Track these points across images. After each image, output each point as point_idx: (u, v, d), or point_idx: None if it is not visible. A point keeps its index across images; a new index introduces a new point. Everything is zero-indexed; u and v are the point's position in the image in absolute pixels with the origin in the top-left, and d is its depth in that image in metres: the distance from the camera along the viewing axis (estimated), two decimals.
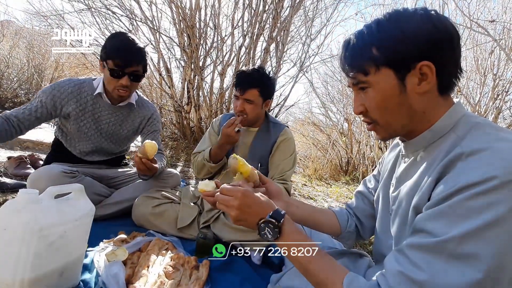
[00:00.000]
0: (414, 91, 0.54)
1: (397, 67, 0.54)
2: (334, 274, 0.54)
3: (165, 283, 0.86)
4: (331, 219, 0.86)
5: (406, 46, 0.52)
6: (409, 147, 0.62)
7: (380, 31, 0.55)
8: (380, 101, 0.57)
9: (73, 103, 1.32)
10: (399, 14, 0.54)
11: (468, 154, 0.47)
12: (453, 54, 0.53)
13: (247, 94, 1.35)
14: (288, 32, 3.33)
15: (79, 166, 1.39)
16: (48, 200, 0.74)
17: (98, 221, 1.27)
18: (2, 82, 5.55)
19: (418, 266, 0.45)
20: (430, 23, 0.52)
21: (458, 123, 0.55)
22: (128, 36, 1.27)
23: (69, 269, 0.80)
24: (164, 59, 3.28)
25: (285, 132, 1.47)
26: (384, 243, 0.70)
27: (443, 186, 0.47)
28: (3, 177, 1.59)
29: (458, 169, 0.47)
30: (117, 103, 1.39)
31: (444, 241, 0.43)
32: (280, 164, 1.41)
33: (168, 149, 3.41)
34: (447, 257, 0.43)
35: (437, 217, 0.46)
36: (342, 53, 0.61)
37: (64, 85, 1.31)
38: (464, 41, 2.55)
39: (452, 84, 0.56)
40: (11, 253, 0.66)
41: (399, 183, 0.63)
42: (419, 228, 0.48)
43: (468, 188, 0.43)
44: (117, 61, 1.21)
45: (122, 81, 1.25)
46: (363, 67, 0.56)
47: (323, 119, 5.73)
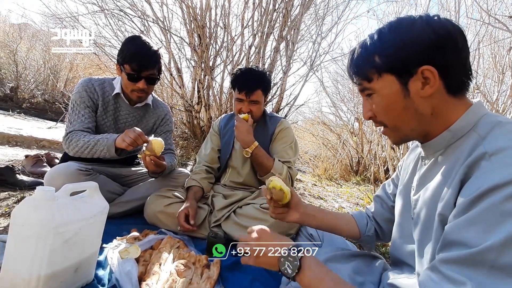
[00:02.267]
0: (418, 95, 0.56)
1: (399, 73, 0.56)
2: None
3: (176, 281, 0.86)
4: (350, 224, 0.87)
5: (406, 53, 0.54)
6: (429, 149, 0.61)
7: (381, 40, 0.58)
8: (385, 106, 0.60)
9: (100, 101, 1.36)
10: (400, 23, 0.57)
11: (491, 153, 0.45)
12: (458, 55, 0.54)
13: (253, 96, 1.35)
14: (298, 30, 3.30)
15: (93, 164, 1.41)
16: (64, 197, 0.75)
17: (111, 218, 1.29)
18: (20, 83, 5.74)
19: (457, 281, 0.40)
20: (430, 29, 0.53)
21: (479, 122, 0.53)
22: (143, 41, 1.30)
23: (84, 266, 0.81)
24: (174, 59, 3.30)
25: (282, 123, 1.47)
26: (402, 247, 0.68)
27: (468, 189, 0.45)
28: (20, 175, 1.64)
29: (483, 169, 0.45)
30: (135, 104, 1.43)
31: (482, 251, 0.39)
32: (281, 151, 1.40)
33: (178, 148, 3.44)
34: (489, 269, 0.39)
35: (469, 225, 0.42)
36: (348, 62, 0.65)
37: (91, 84, 1.35)
38: (481, 38, 2.47)
39: (463, 85, 0.56)
40: (28, 249, 0.68)
41: (420, 186, 0.62)
42: (451, 241, 0.44)
43: (497, 189, 0.41)
44: (134, 65, 1.25)
45: (139, 84, 1.28)
46: (366, 74, 0.60)
47: (333, 118, 5.68)
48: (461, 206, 0.45)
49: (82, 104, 1.31)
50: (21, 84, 5.78)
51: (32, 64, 5.95)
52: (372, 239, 0.87)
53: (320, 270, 0.57)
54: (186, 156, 3.13)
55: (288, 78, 3.42)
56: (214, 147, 1.53)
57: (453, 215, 0.46)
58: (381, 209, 0.86)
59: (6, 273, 0.69)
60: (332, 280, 0.55)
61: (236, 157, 1.48)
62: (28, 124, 4.13)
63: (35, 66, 5.98)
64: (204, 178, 1.45)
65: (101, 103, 1.35)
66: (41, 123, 4.44)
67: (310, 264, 0.58)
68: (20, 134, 3.17)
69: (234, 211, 1.31)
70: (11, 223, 0.69)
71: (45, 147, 3.05)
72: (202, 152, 1.57)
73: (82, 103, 1.31)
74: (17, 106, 5.35)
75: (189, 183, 1.42)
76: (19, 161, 2.08)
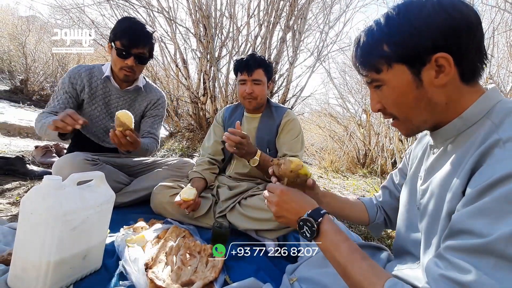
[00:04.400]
0: (433, 84, 0.52)
1: (411, 62, 0.52)
2: (375, 278, 0.49)
3: (182, 269, 0.88)
4: (360, 210, 0.87)
5: (418, 40, 0.50)
6: (438, 137, 0.59)
7: (390, 26, 0.52)
8: (396, 98, 0.56)
9: (86, 87, 1.37)
10: (409, 6, 0.51)
11: (506, 140, 0.42)
12: (473, 40, 0.49)
13: (255, 74, 1.35)
14: (305, 20, 3.23)
15: (100, 155, 1.43)
16: (71, 186, 0.77)
17: (118, 208, 1.32)
18: (29, 75, 5.82)
19: (463, 268, 0.40)
20: (442, 11, 0.49)
21: (493, 109, 0.50)
22: (137, 20, 1.32)
23: (92, 253, 0.83)
24: (180, 50, 3.29)
25: (288, 114, 1.46)
26: (406, 237, 0.67)
27: (479, 177, 0.43)
28: (31, 165, 1.68)
29: (496, 156, 0.42)
30: (125, 87, 1.43)
31: (491, 241, 0.38)
32: (289, 144, 1.40)
33: (184, 140, 3.46)
34: (496, 260, 0.38)
35: (479, 214, 0.40)
36: (353, 52, 0.59)
37: (77, 71, 1.37)
38: (496, 25, 2.37)
39: (477, 70, 0.52)
40: (38, 236, 0.70)
41: (429, 175, 0.60)
42: (459, 229, 0.43)
43: (508, 179, 0.39)
44: (124, 41, 1.26)
45: (127, 61, 1.29)
46: (374, 65, 0.55)
47: (340, 110, 5.60)
48: (471, 195, 0.43)
49: (61, 90, 1.34)
50: (31, 76, 5.85)
51: (41, 57, 6.01)
52: (381, 226, 0.87)
53: (337, 237, 0.57)
54: (192, 148, 3.15)
55: (295, 69, 3.37)
56: (217, 139, 1.53)
57: (462, 204, 0.44)
58: (389, 198, 0.85)
59: (17, 259, 0.71)
60: (348, 248, 0.55)
61: None
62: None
63: (43, 59, 6.03)
64: (206, 169, 1.45)
65: (87, 88, 1.37)
66: None
67: (328, 230, 0.58)
68: (31, 126, 3.24)
69: (239, 202, 1.31)
70: (20, 211, 0.71)
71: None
72: (205, 144, 1.57)
73: (62, 89, 1.34)
74: (27, 98, 5.43)
75: (191, 175, 1.43)
76: (29, 152, 2.12)
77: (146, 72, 3.63)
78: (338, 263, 0.55)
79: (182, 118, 3.94)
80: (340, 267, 0.55)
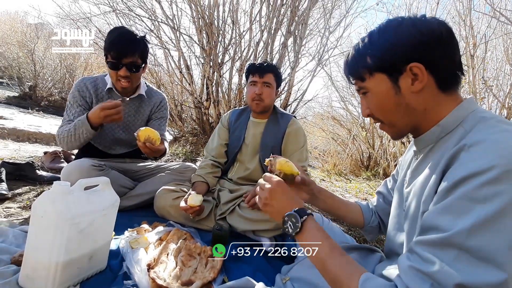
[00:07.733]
0: (409, 90, 0.59)
1: (389, 71, 0.60)
2: (351, 273, 0.54)
3: (182, 270, 0.92)
4: (356, 212, 0.91)
5: (393, 52, 0.58)
6: (419, 143, 0.64)
7: (371, 42, 0.62)
8: (379, 103, 0.64)
9: (94, 99, 1.42)
10: (388, 26, 0.61)
11: (470, 145, 0.47)
12: (444, 51, 0.56)
13: (266, 77, 1.42)
14: (306, 25, 3.27)
15: (106, 160, 1.49)
16: (78, 191, 0.82)
17: (123, 211, 1.37)
18: (38, 82, 5.97)
19: (429, 260, 0.45)
20: (414, 29, 0.56)
21: (467, 118, 0.56)
22: (124, 30, 1.35)
23: (98, 254, 0.88)
24: (184, 57, 3.36)
25: (294, 122, 1.50)
26: (395, 239, 0.70)
27: (447, 178, 0.48)
28: (40, 171, 1.75)
29: (461, 159, 0.47)
30: (129, 96, 1.47)
31: (453, 235, 0.43)
32: (294, 154, 1.45)
33: (188, 144, 3.52)
34: (458, 251, 0.42)
35: (443, 212, 0.46)
36: (344, 64, 0.69)
37: (83, 84, 1.42)
38: (493, 29, 2.39)
39: (452, 79, 0.58)
40: (48, 238, 0.75)
41: (412, 179, 0.65)
42: (428, 226, 0.48)
43: (471, 178, 0.43)
44: (113, 53, 1.29)
45: (120, 72, 1.32)
46: (360, 74, 0.64)
47: (344, 113, 5.61)
48: (439, 195, 0.48)
49: (74, 104, 1.38)
50: (39, 82, 6.01)
51: (49, 63, 6.16)
52: (375, 230, 0.91)
53: (319, 234, 0.62)
54: (195, 152, 3.21)
55: (296, 73, 3.41)
56: (222, 141, 1.57)
57: (433, 203, 0.50)
58: (383, 204, 0.89)
59: (28, 260, 0.76)
60: (328, 245, 0.60)
61: (246, 151, 1.52)
62: (46, 121, 4.32)
63: (51, 65, 6.18)
64: (209, 173, 1.50)
65: (94, 100, 1.42)
66: (59, 121, 4.63)
67: (311, 228, 0.63)
68: (40, 131, 3.33)
69: (238, 204, 1.36)
70: (31, 214, 0.76)
71: None
72: (209, 146, 1.61)
73: (74, 103, 1.38)
74: (36, 104, 5.58)
75: (194, 179, 1.48)
76: (38, 157, 2.19)
77: (151, 78, 3.72)
78: (318, 258, 0.60)
79: (186, 123, 4.01)
80: (320, 262, 0.59)
